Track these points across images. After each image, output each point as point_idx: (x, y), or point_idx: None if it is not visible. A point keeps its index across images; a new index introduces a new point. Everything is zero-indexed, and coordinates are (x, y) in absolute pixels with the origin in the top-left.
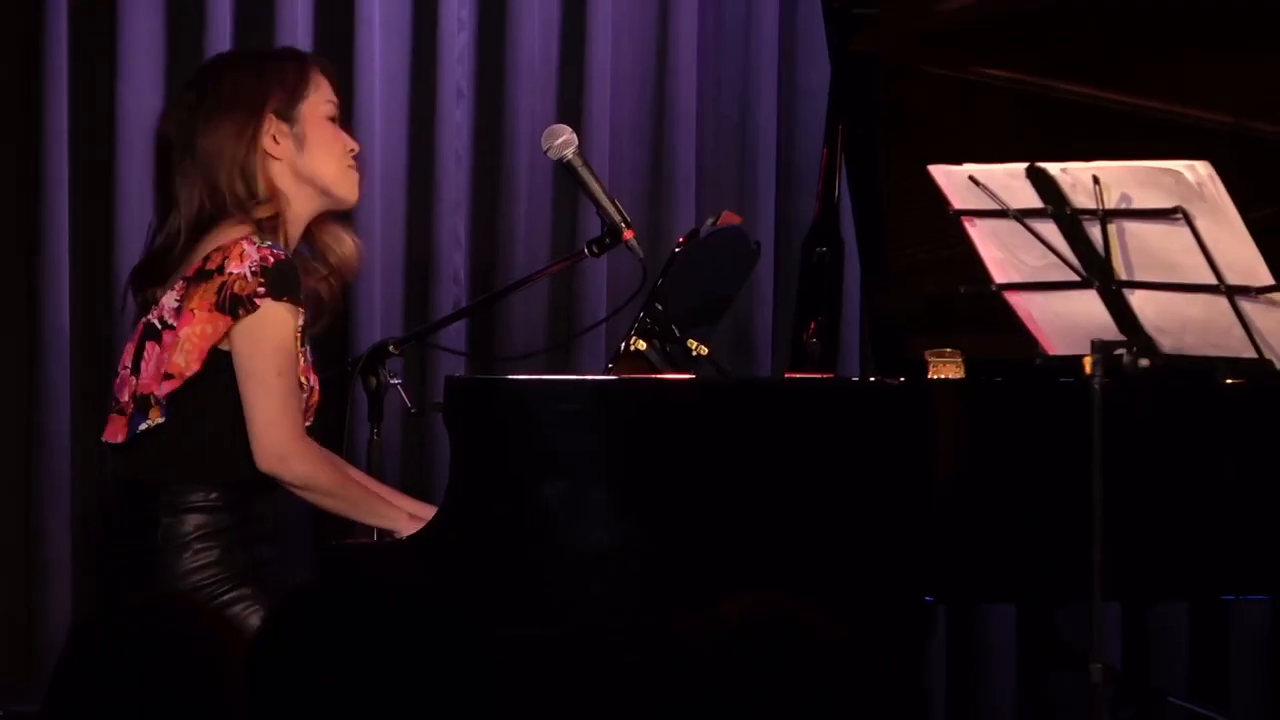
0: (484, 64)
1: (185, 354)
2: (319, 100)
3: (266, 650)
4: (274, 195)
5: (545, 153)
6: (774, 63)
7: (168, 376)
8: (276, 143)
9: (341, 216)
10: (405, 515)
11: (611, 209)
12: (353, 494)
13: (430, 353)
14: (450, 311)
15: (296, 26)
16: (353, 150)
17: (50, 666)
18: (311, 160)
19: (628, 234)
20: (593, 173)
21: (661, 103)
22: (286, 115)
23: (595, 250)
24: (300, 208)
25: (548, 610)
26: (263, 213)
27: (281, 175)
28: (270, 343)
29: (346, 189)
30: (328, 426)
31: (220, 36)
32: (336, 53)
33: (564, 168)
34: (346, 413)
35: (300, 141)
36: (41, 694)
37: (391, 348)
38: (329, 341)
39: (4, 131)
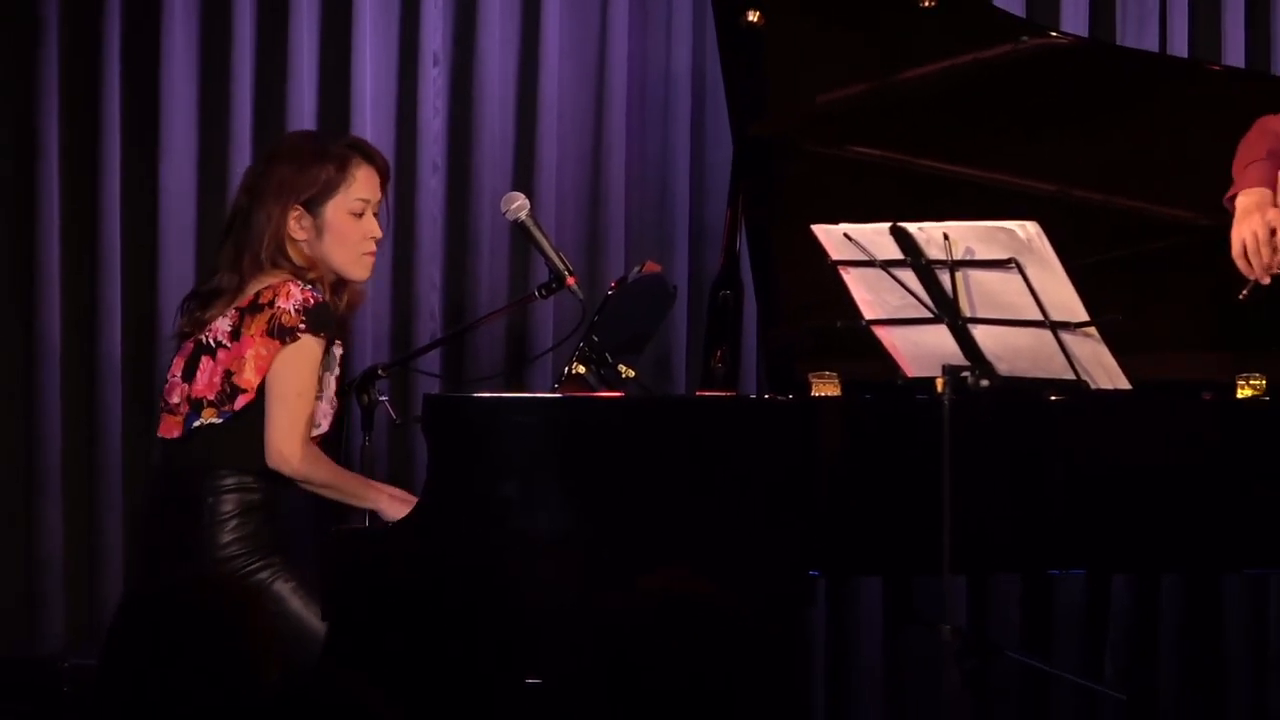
0: (454, 143)
1: (252, 371)
2: (347, 199)
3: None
4: (303, 260)
5: (504, 214)
6: (687, 141)
7: (240, 390)
8: (300, 227)
9: None
10: (386, 496)
11: (557, 260)
12: (342, 484)
13: (411, 375)
14: (427, 342)
15: (303, 118)
16: (373, 238)
17: (105, 627)
18: (326, 248)
19: (570, 280)
20: (542, 230)
21: (597, 173)
22: (312, 209)
23: (544, 293)
24: (322, 271)
25: (505, 585)
26: (300, 267)
27: (304, 252)
28: (299, 369)
29: (356, 272)
30: (332, 438)
31: (242, 130)
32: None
33: (518, 227)
34: (344, 423)
35: (319, 231)
36: (99, 649)
37: (380, 371)
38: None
39: (70, 189)
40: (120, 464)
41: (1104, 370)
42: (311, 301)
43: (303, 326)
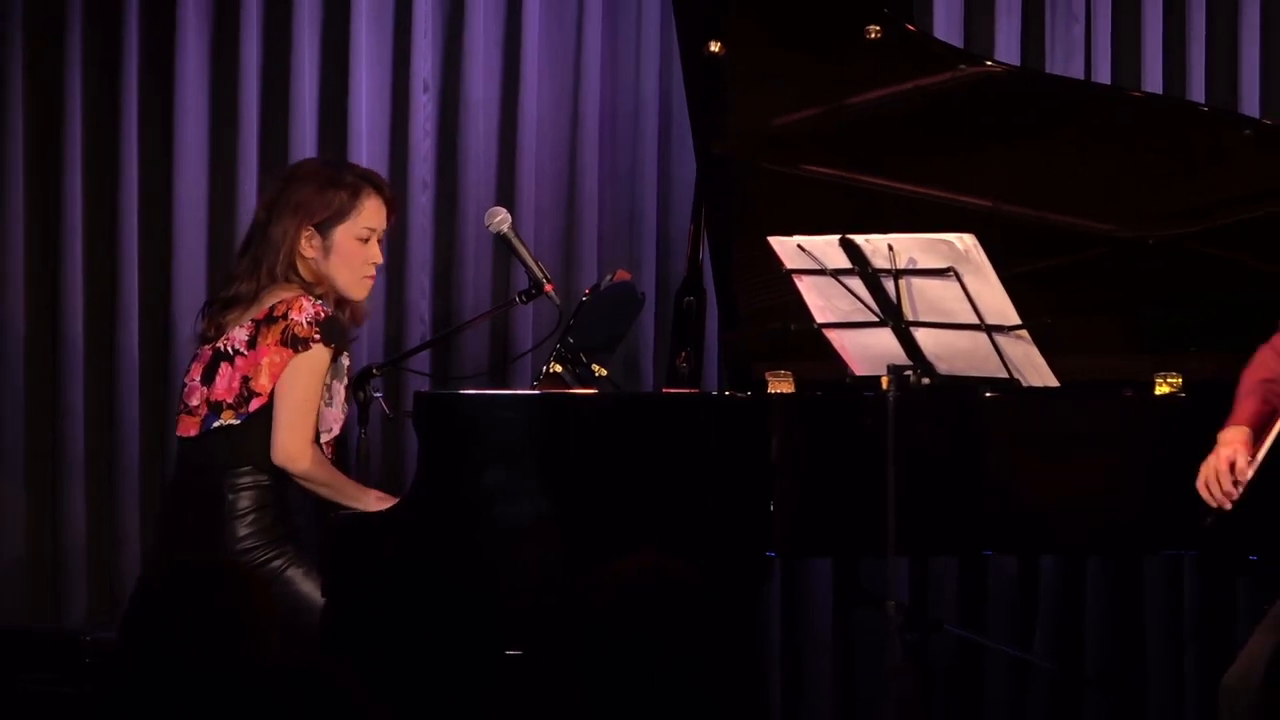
0: (442, 162)
1: (267, 377)
2: (356, 225)
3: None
4: (311, 276)
5: (487, 227)
6: (655, 160)
7: (255, 395)
8: (310, 246)
9: None
10: (374, 499)
11: (536, 269)
12: (338, 485)
13: (403, 374)
14: (418, 344)
15: (304, 138)
16: (375, 263)
17: (124, 603)
18: (331, 268)
19: (548, 287)
20: (522, 242)
21: (572, 190)
22: (322, 231)
23: (524, 299)
24: (327, 288)
25: (489, 566)
26: (307, 282)
27: (312, 268)
28: (308, 377)
29: (355, 293)
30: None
31: (249, 149)
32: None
33: (501, 239)
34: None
35: (327, 252)
36: (118, 623)
37: (375, 370)
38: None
39: (92, 202)
40: (138, 456)
41: (1034, 369)
42: (323, 315)
43: (316, 337)
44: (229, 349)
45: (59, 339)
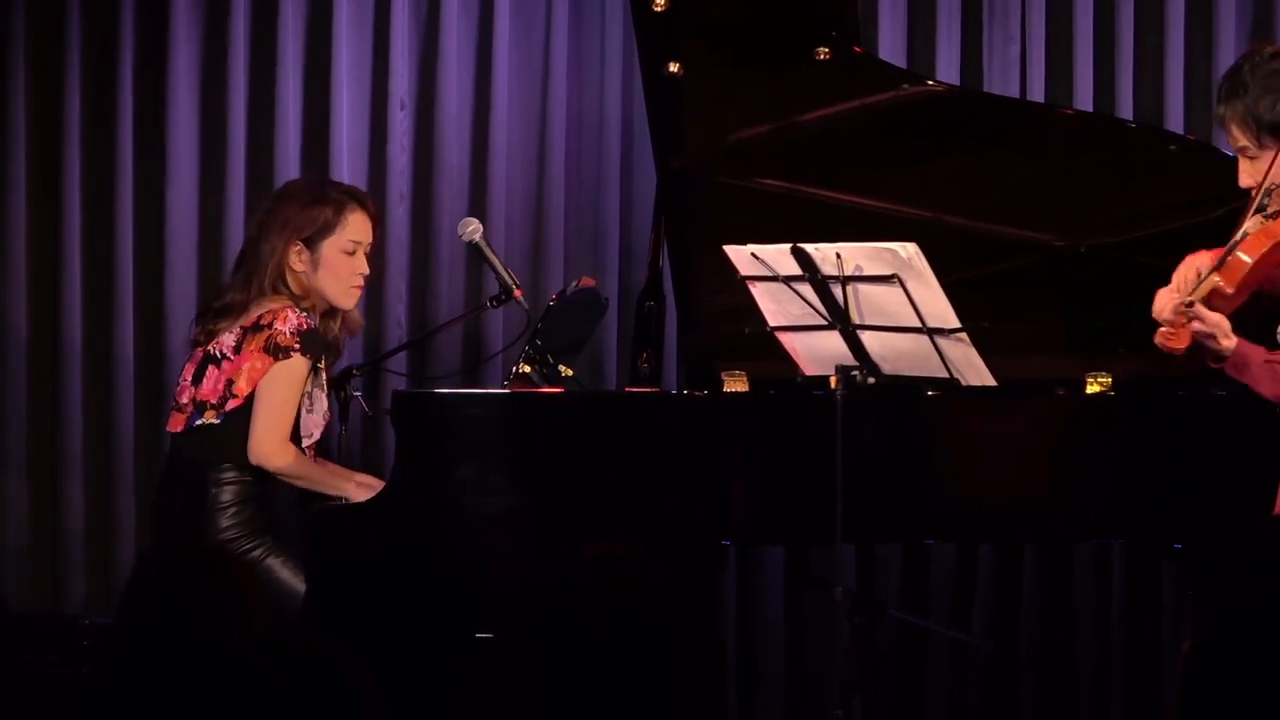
0: (418, 176)
1: (246, 381)
2: (341, 239)
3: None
4: (300, 288)
5: (460, 237)
6: (617, 174)
7: (234, 396)
8: (299, 260)
9: None
10: (353, 485)
11: (506, 275)
12: (314, 476)
13: (381, 374)
14: (395, 345)
15: (289, 153)
16: (362, 274)
17: (120, 590)
18: (319, 279)
19: (517, 292)
20: (493, 250)
21: (540, 201)
22: (310, 245)
23: (494, 304)
24: (315, 299)
25: (462, 554)
26: (296, 295)
27: (301, 281)
28: (286, 383)
29: (344, 302)
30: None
31: (237, 165)
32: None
33: (473, 247)
34: None
35: (315, 265)
36: (115, 609)
37: (355, 371)
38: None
39: (89, 215)
40: (133, 450)
41: (974, 370)
42: (305, 326)
43: (296, 347)
44: (218, 352)
45: (59, 341)
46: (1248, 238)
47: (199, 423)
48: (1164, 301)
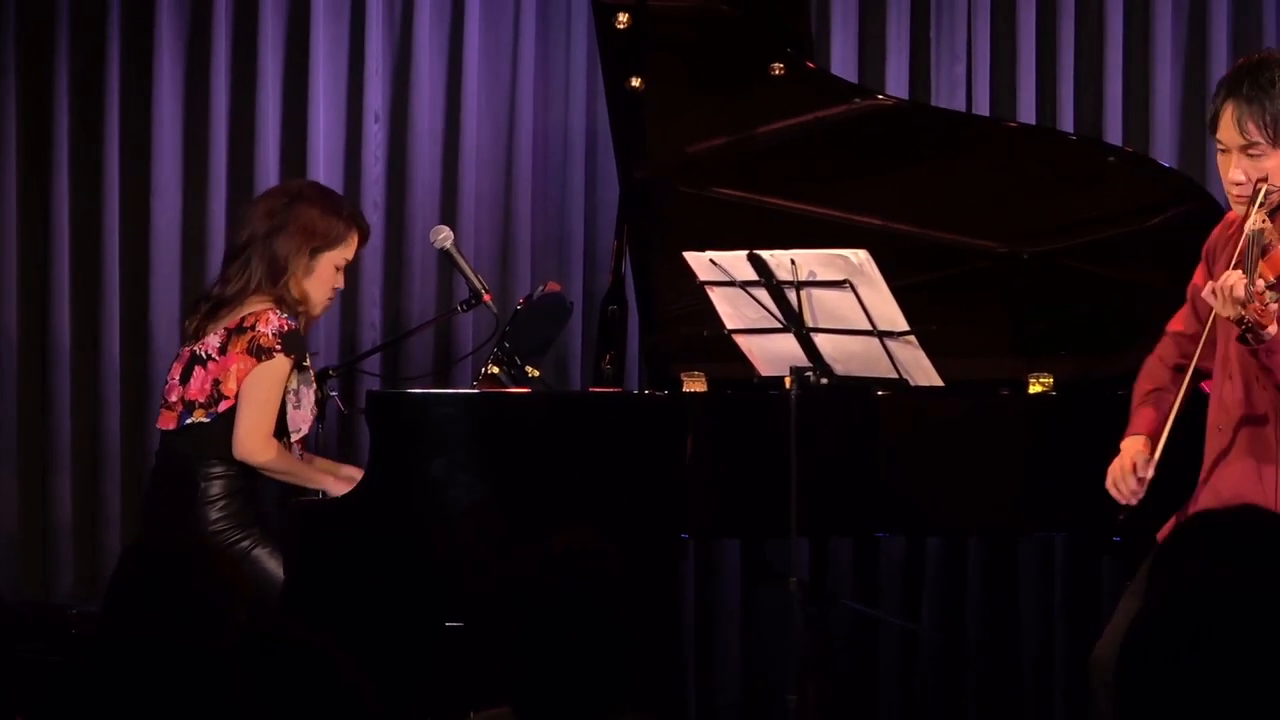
0: (391, 185)
1: (234, 381)
2: (338, 255)
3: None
4: (296, 289)
5: (432, 244)
6: (582, 183)
7: (223, 397)
8: (300, 264)
9: None
10: (331, 479)
11: (475, 280)
12: (296, 471)
13: (357, 374)
14: (370, 348)
15: (268, 164)
16: (338, 288)
17: (107, 580)
18: (308, 285)
19: (486, 297)
20: (463, 257)
21: (508, 210)
22: (314, 254)
23: (464, 308)
24: (305, 302)
25: (437, 544)
26: (294, 297)
27: (299, 282)
28: (269, 382)
29: (318, 310)
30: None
31: (219, 174)
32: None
33: (444, 254)
34: None
35: (309, 271)
36: (101, 598)
37: (331, 371)
38: None
39: (77, 222)
40: (119, 447)
41: (922, 370)
42: (287, 328)
43: (278, 347)
44: (203, 353)
45: (49, 342)
46: None
47: (189, 421)
48: (1234, 280)
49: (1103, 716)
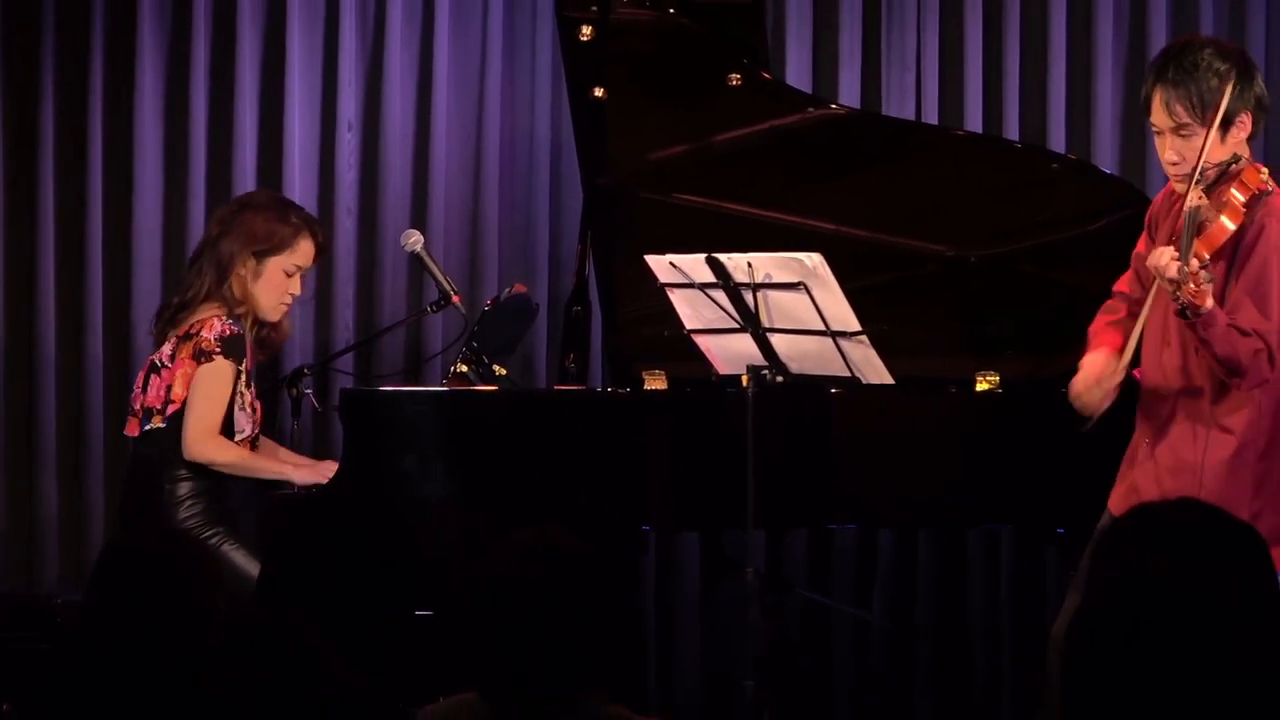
0: (364, 192)
1: (181, 386)
2: (287, 260)
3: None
4: (240, 292)
5: (403, 247)
6: (547, 190)
7: (172, 401)
8: (244, 268)
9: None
10: (290, 466)
11: (445, 282)
12: (249, 463)
13: (330, 373)
14: (343, 347)
15: (246, 171)
16: (293, 294)
17: (90, 571)
18: (255, 290)
19: (455, 299)
20: (434, 259)
21: (476, 215)
22: (259, 257)
23: (434, 309)
24: (249, 307)
25: (407, 541)
26: (235, 297)
27: (242, 286)
28: (212, 382)
29: (270, 316)
30: (267, 421)
31: (198, 180)
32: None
33: (414, 257)
34: (278, 410)
35: (256, 277)
36: (85, 587)
37: (305, 370)
38: (269, 367)
39: (62, 227)
40: (102, 445)
41: (873, 369)
42: (228, 333)
43: (217, 351)
44: (159, 361)
45: (35, 345)
46: (1225, 209)
47: (148, 427)
48: (1166, 260)
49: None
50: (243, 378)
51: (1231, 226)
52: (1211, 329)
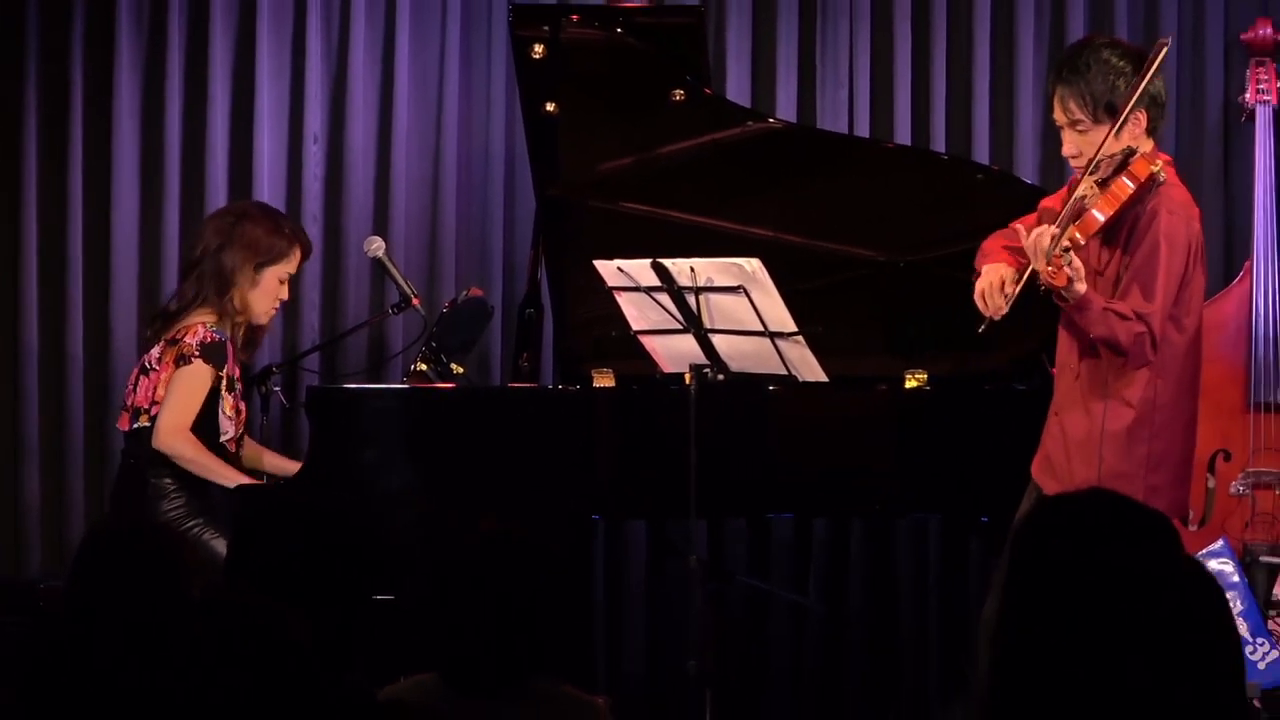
0: (329, 200)
1: (164, 388)
2: (281, 270)
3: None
4: (240, 301)
5: (366, 253)
6: (501, 199)
7: (156, 402)
8: (245, 278)
9: None
10: (245, 477)
11: (405, 286)
12: (209, 465)
13: (298, 371)
14: (309, 347)
15: (218, 180)
16: (282, 299)
17: (71, 556)
18: (251, 296)
19: (415, 301)
20: (395, 264)
21: (435, 223)
22: (258, 268)
23: (395, 311)
24: (244, 313)
25: (370, 529)
26: (235, 307)
27: (241, 296)
28: (190, 382)
29: (262, 320)
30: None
31: (172, 190)
32: (240, 200)
33: (377, 262)
34: (249, 406)
35: (253, 285)
36: (67, 573)
37: (274, 369)
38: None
39: (45, 235)
40: (82, 438)
41: (809, 368)
42: (209, 340)
43: (196, 355)
44: (148, 363)
45: (19, 345)
46: (1100, 198)
47: (136, 425)
48: (1039, 241)
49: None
50: (224, 382)
51: (1101, 217)
52: (1085, 313)
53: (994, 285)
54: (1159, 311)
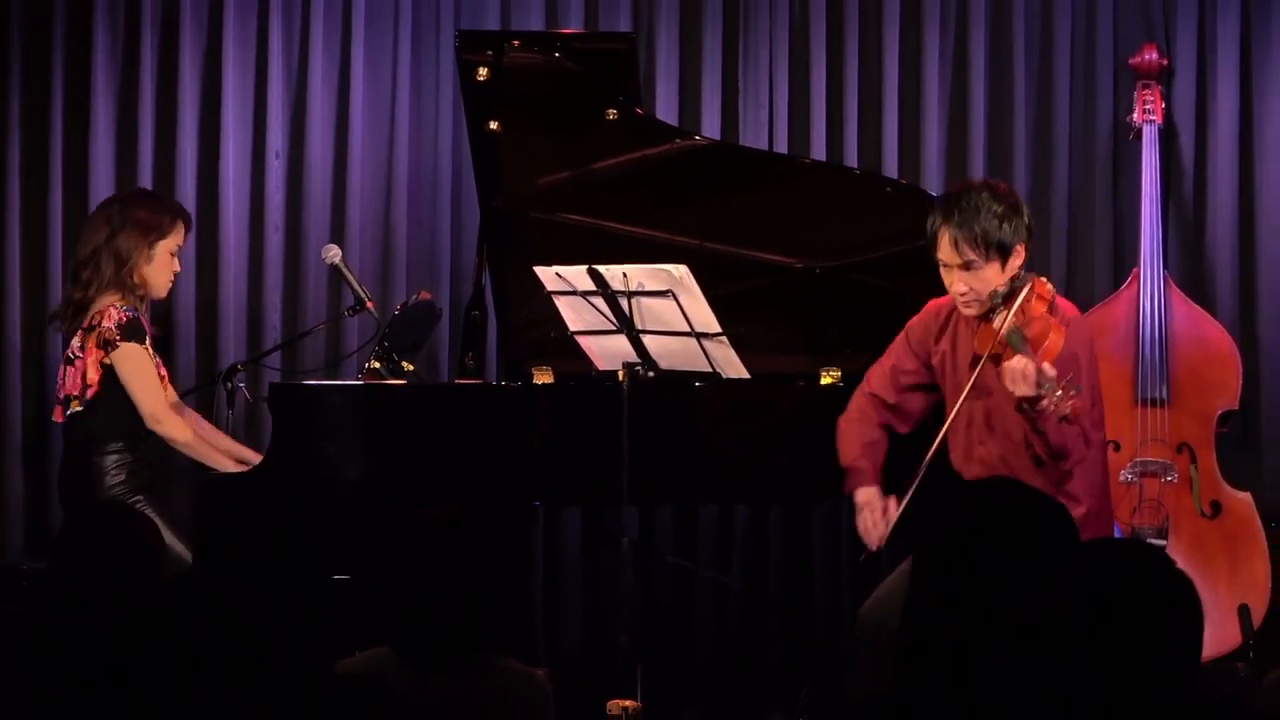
0: (290, 211)
1: (93, 372)
2: (171, 242)
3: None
4: (139, 278)
5: (324, 260)
6: (449, 210)
7: (89, 386)
8: (141, 256)
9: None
10: (232, 463)
11: (360, 290)
12: (197, 448)
13: (260, 369)
14: (271, 346)
15: (187, 191)
16: (176, 271)
17: (51, 542)
18: (148, 271)
19: (369, 304)
20: (351, 270)
21: (387, 232)
22: (150, 243)
23: (351, 313)
24: (146, 288)
25: (325, 515)
26: (135, 283)
27: (140, 273)
28: (131, 365)
29: (162, 293)
30: (205, 410)
31: (144, 175)
32: (208, 210)
33: (334, 268)
34: (214, 402)
35: (149, 261)
36: (47, 558)
37: (239, 366)
38: (205, 363)
39: (26, 238)
40: (60, 431)
41: (732, 366)
42: (124, 319)
43: (119, 337)
44: (70, 354)
45: (4, 345)
46: (1039, 322)
47: (70, 412)
48: (1026, 375)
49: (864, 668)
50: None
51: (1061, 341)
52: (1045, 421)
53: (878, 518)
54: (1085, 410)
